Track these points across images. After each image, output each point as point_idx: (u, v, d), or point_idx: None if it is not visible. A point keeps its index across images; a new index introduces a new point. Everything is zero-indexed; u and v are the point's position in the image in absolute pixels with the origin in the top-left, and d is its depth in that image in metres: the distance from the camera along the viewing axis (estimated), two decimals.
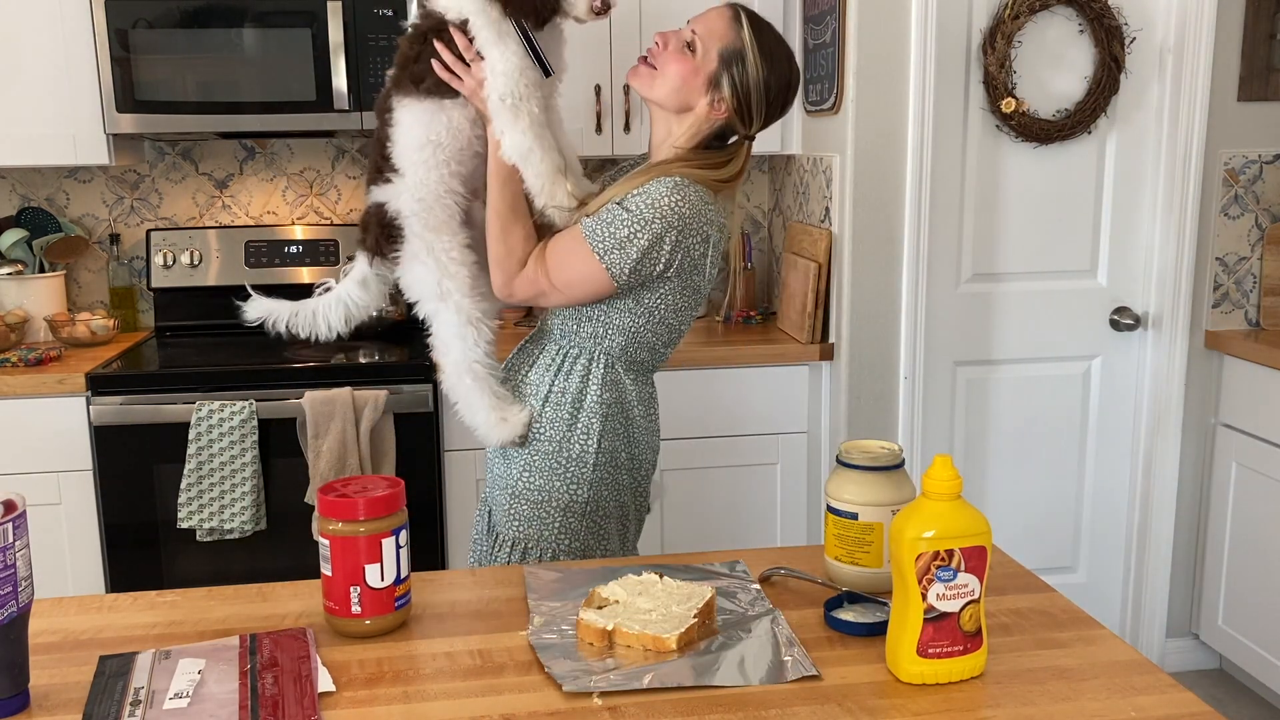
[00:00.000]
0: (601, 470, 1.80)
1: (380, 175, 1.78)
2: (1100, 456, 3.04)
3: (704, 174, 1.74)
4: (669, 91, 1.75)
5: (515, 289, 1.74)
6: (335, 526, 1.25)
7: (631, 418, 1.82)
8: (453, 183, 1.75)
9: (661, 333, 1.80)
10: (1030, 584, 1.40)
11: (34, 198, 3.19)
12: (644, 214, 1.67)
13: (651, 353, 1.82)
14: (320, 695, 1.13)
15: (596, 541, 1.84)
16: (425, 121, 1.73)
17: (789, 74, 1.77)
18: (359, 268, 1.84)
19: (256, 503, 2.64)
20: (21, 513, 1.08)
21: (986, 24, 2.76)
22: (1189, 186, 2.86)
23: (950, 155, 2.81)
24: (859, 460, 1.40)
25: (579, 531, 1.82)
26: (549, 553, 1.81)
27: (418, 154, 1.73)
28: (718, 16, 1.76)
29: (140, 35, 2.73)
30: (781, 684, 1.14)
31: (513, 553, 1.83)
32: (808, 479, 2.96)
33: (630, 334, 1.78)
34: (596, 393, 1.78)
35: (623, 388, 1.80)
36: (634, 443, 1.84)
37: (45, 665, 1.20)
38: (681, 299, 1.78)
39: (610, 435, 1.80)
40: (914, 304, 2.80)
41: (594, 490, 1.80)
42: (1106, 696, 1.11)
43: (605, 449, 1.80)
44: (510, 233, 1.73)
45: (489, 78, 1.67)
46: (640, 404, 1.84)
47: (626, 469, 1.84)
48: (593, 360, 1.79)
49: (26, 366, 2.70)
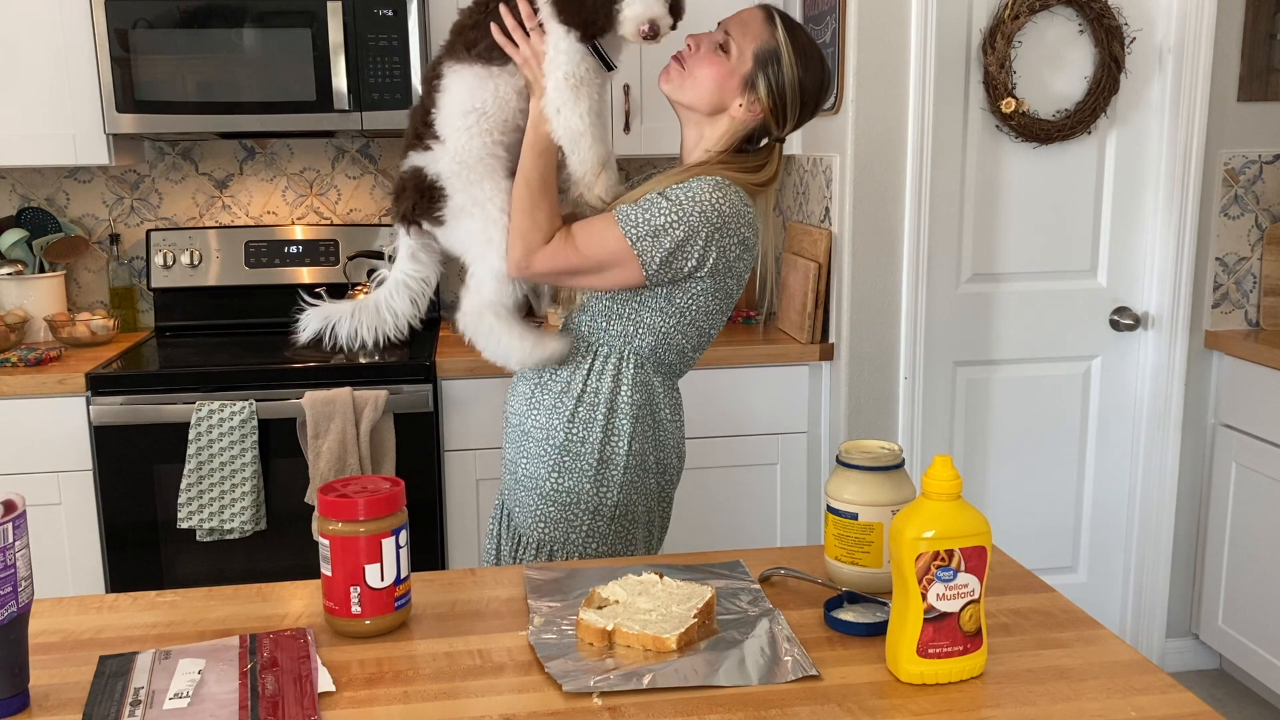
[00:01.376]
0: (632, 473, 1.78)
1: (420, 141, 1.74)
2: (1100, 456, 3.04)
3: (744, 177, 1.73)
4: (702, 94, 1.73)
5: (535, 262, 1.68)
6: (335, 526, 1.25)
7: (660, 421, 1.80)
8: (496, 149, 1.72)
9: (691, 335, 1.78)
10: (1030, 584, 1.40)
11: (34, 198, 3.19)
12: (684, 206, 1.65)
13: (680, 356, 1.80)
14: (320, 695, 1.13)
15: (624, 546, 1.82)
16: (472, 87, 1.70)
17: (822, 74, 1.76)
18: (403, 242, 1.80)
19: (256, 503, 2.64)
20: (21, 513, 1.08)
21: (986, 24, 2.76)
22: (1189, 186, 2.86)
23: (950, 155, 2.81)
24: (859, 460, 1.40)
25: (606, 535, 1.79)
26: (574, 556, 1.79)
27: (461, 120, 1.70)
28: (751, 17, 1.74)
29: (140, 35, 2.73)
30: (781, 684, 1.14)
31: (538, 554, 1.81)
32: (808, 479, 2.96)
33: (660, 334, 1.76)
34: (628, 394, 1.75)
35: (652, 390, 1.78)
36: (661, 446, 1.82)
37: (45, 665, 1.20)
38: (713, 301, 1.75)
39: (640, 438, 1.77)
40: (914, 304, 2.80)
41: (623, 494, 1.78)
42: (1106, 696, 1.11)
43: (635, 451, 1.77)
44: (538, 206, 1.68)
45: (551, 53, 1.65)
46: (668, 408, 1.82)
47: (654, 473, 1.82)
48: (623, 360, 1.76)
49: (26, 366, 2.70)
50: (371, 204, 3.30)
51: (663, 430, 1.81)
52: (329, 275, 3.18)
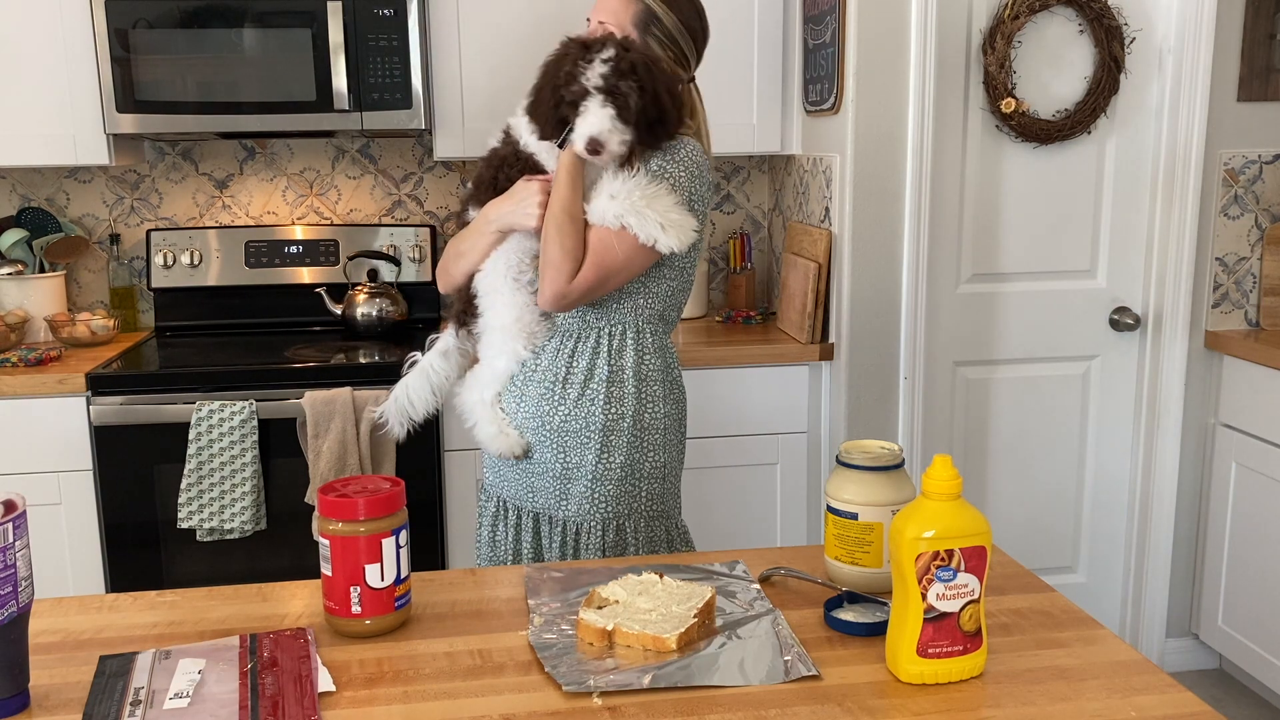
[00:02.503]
0: (670, 433, 1.92)
1: None
2: (1100, 456, 3.04)
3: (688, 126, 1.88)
4: None
5: (573, 288, 1.78)
6: (335, 526, 1.25)
7: (674, 377, 1.94)
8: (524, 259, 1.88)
9: (686, 287, 1.93)
10: (1030, 584, 1.40)
11: (34, 198, 3.19)
12: (674, 177, 1.80)
13: (678, 309, 1.95)
14: (320, 695, 1.13)
15: (674, 501, 1.96)
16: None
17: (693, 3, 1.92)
18: (444, 339, 2.04)
19: (256, 503, 2.64)
20: (21, 513, 1.08)
21: (986, 24, 2.76)
22: (1189, 187, 2.86)
23: (950, 155, 2.82)
24: (859, 460, 1.40)
25: (662, 495, 1.92)
26: (641, 520, 1.90)
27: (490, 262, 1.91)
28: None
29: (140, 35, 2.73)
30: (781, 684, 1.15)
31: (605, 533, 1.89)
32: (808, 479, 2.96)
33: (667, 297, 1.90)
34: (651, 360, 1.89)
35: (664, 350, 1.92)
36: (680, 402, 1.95)
37: (45, 665, 1.20)
38: (697, 248, 1.90)
39: (667, 399, 1.90)
40: (914, 304, 2.80)
41: (666, 454, 1.91)
42: (1106, 696, 1.11)
43: (669, 413, 1.91)
44: (566, 234, 1.78)
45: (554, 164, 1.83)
46: (675, 363, 1.96)
47: (679, 426, 1.96)
48: (638, 332, 1.88)
49: (26, 366, 2.70)
50: (371, 204, 3.30)
51: (677, 386, 1.95)
52: (329, 275, 3.18)
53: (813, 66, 2.93)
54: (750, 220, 3.45)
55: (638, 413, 1.87)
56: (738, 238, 3.34)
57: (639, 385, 1.87)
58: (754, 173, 3.42)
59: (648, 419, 1.88)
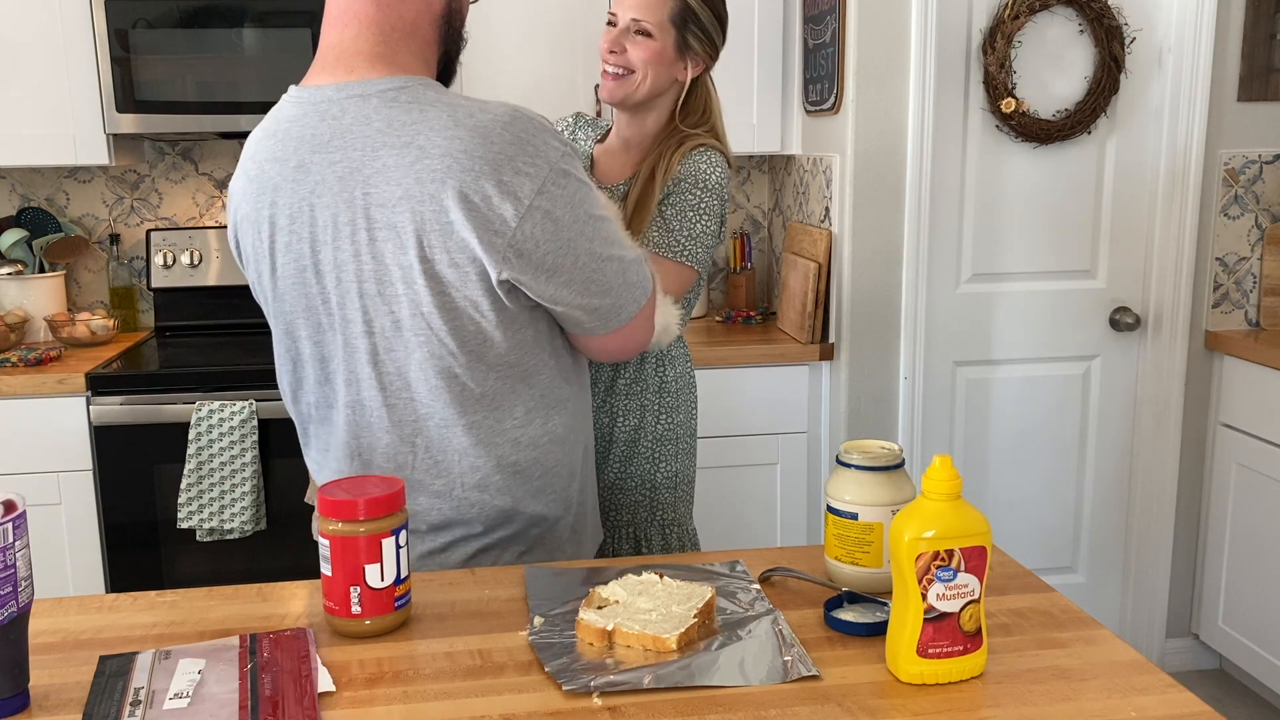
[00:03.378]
0: (683, 441, 1.93)
1: None
2: (1100, 456, 3.04)
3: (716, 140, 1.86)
4: (653, 81, 1.80)
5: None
6: (335, 526, 1.25)
7: (690, 384, 1.95)
8: None
9: (700, 291, 1.97)
10: (1030, 584, 1.40)
11: (34, 198, 3.19)
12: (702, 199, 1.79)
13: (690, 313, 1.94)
14: (320, 695, 1.13)
15: (685, 508, 1.98)
16: None
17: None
18: None
19: (256, 503, 2.64)
20: (21, 513, 1.08)
21: (986, 24, 2.76)
22: (1189, 186, 2.86)
23: (950, 155, 2.81)
24: (859, 460, 1.40)
25: (691, 499, 1.96)
26: (686, 528, 1.93)
27: None
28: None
29: (140, 35, 2.73)
30: (781, 684, 1.14)
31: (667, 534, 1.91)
32: (808, 479, 2.96)
33: (690, 303, 1.90)
34: (684, 367, 1.90)
35: (689, 355, 1.94)
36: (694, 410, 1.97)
37: (45, 665, 1.20)
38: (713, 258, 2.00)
39: (695, 403, 1.93)
40: (914, 304, 2.80)
41: (693, 458, 1.94)
42: (1106, 696, 1.11)
43: (683, 422, 1.92)
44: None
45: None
46: (692, 369, 1.97)
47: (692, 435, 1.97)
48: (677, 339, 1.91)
49: (26, 366, 2.70)
50: None
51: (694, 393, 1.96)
52: None
53: (813, 66, 2.93)
54: (750, 220, 3.45)
55: (687, 420, 1.89)
56: (738, 238, 3.34)
57: (688, 391, 1.89)
58: (754, 173, 3.42)
59: (692, 425, 1.90)
